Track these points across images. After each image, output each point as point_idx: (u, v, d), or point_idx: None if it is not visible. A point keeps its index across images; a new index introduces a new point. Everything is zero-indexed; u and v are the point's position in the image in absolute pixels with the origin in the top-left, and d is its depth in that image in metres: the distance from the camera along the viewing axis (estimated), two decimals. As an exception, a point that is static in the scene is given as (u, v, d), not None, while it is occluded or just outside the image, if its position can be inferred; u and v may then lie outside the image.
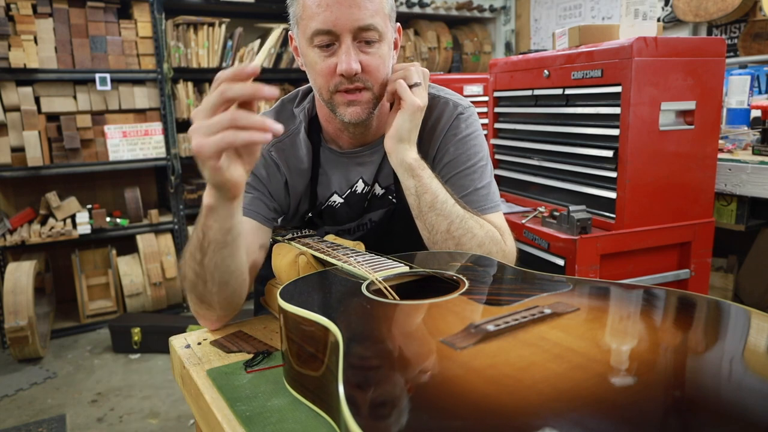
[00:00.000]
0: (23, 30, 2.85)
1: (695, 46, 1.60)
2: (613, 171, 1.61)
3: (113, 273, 3.20)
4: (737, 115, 2.13)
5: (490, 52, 4.35)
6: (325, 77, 0.92)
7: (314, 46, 0.91)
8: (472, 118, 1.08)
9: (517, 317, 0.57)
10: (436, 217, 0.93)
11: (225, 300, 0.85)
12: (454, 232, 0.93)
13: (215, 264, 0.80)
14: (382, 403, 0.44)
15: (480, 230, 0.95)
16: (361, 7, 0.88)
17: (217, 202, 0.75)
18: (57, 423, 2.20)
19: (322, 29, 0.88)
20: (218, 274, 0.81)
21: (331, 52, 0.91)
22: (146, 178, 3.63)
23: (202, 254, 0.80)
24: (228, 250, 0.80)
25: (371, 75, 0.92)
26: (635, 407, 0.41)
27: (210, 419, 0.69)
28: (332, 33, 0.89)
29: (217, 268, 0.81)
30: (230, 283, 0.84)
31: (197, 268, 0.81)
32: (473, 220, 0.95)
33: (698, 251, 1.70)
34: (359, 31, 0.89)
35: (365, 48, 0.91)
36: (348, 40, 0.89)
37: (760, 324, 0.54)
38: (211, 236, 0.78)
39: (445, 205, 0.93)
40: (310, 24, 0.89)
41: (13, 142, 2.91)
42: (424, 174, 0.94)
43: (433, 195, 0.93)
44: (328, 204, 1.08)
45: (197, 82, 3.39)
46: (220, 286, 0.83)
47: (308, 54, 0.93)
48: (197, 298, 0.85)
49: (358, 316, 0.62)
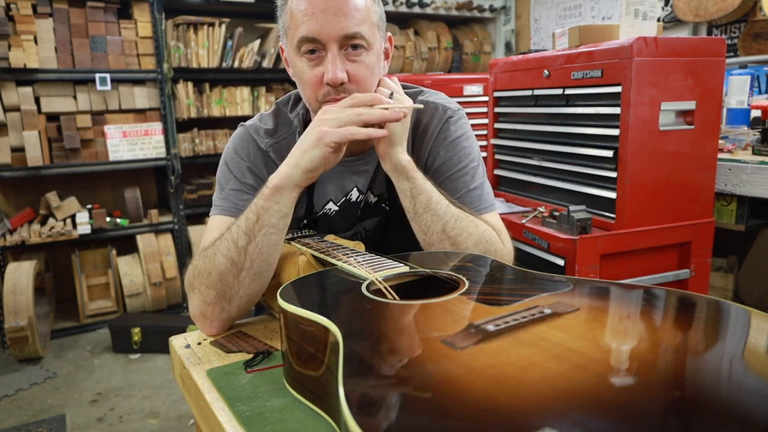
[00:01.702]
0: (23, 30, 2.85)
1: (695, 46, 1.60)
2: (613, 171, 1.61)
3: (113, 273, 3.20)
4: (737, 115, 2.13)
5: (490, 52, 4.35)
6: (313, 87, 0.92)
7: (302, 55, 0.91)
8: (461, 120, 1.08)
9: (517, 317, 0.57)
10: (432, 218, 0.93)
11: (249, 296, 0.87)
12: (449, 231, 0.93)
13: (260, 250, 0.83)
14: (382, 403, 0.44)
15: (476, 229, 0.95)
16: (348, 15, 0.87)
17: (288, 184, 0.84)
18: (57, 423, 2.21)
19: (307, 37, 0.88)
20: (259, 261, 0.84)
21: (318, 60, 0.91)
22: (146, 178, 3.63)
23: (249, 239, 0.83)
24: (276, 237, 0.85)
25: (358, 84, 0.92)
26: (635, 407, 0.41)
27: (210, 419, 0.69)
28: (318, 41, 0.89)
29: (260, 254, 0.84)
30: (263, 276, 0.86)
31: (237, 255, 0.83)
32: (468, 219, 0.95)
33: (698, 251, 1.70)
34: (345, 39, 0.89)
35: (352, 57, 0.91)
36: (334, 49, 0.89)
37: (760, 324, 0.54)
38: (266, 219, 0.83)
39: (440, 205, 0.93)
40: (297, 32, 0.89)
41: (13, 142, 2.91)
42: (417, 176, 0.94)
43: (427, 196, 0.93)
44: (324, 212, 1.09)
45: (197, 82, 3.39)
46: (255, 277, 0.85)
47: (296, 64, 0.93)
48: (217, 293, 0.85)
49: (358, 316, 0.62)
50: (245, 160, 1.04)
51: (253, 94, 3.54)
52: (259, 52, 3.47)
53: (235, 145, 1.06)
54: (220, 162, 1.06)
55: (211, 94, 3.41)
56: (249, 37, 3.57)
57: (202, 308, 0.87)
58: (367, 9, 0.91)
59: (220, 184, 1.04)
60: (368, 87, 0.93)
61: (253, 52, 3.42)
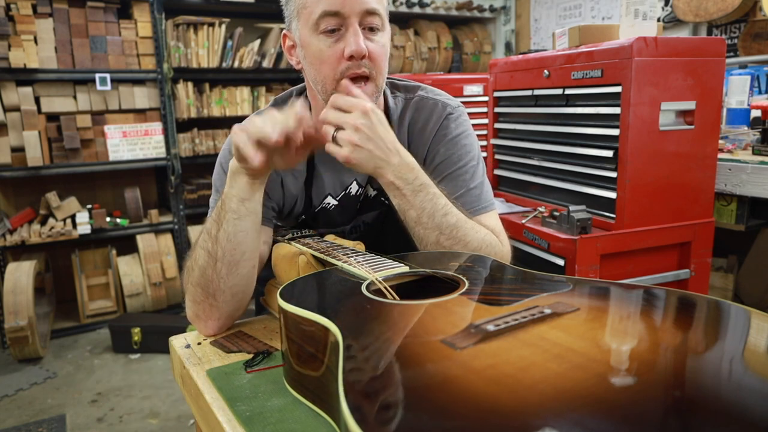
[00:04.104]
0: (23, 30, 2.85)
1: (695, 46, 1.60)
2: (613, 171, 1.61)
3: (113, 273, 3.20)
4: (737, 115, 2.13)
5: (490, 52, 4.35)
6: (332, 64, 0.91)
7: (320, 33, 0.91)
8: (461, 118, 1.07)
9: (517, 317, 0.57)
10: (424, 230, 0.92)
11: (231, 289, 0.86)
12: (443, 243, 0.91)
13: (228, 237, 0.84)
14: (382, 403, 0.44)
15: (475, 236, 0.93)
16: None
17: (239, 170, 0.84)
18: (57, 423, 2.21)
19: (330, 11, 0.88)
20: (229, 249, 0.84)
21: (338, 37, 0.90)
22: (146, 178, 3.63)
23: (218, 226, 0.85)
24: (243, 223, 0.85)
25: (375, 63, 0.92)
26: (635, 407, 0.41)
27: (210, 419, 0.69)
28: (340, 15, 0.89)
29: (229, 242, 0.84)
30: (239, 266, 0.86)
31: (211, 245, 0.84)
32: (467, 227, 0.93)
33: (698, 251, 1.70)
34: (366, 14, 0.90)
35: (369, 35, 0.92)
36: (355, 24, 0.89)
37: (760, 324, 0.54)
38: (228, 204, 0.84)
39: (433, 218, 0.91)
40: (316, 8, 0.89)
41: (13, 142, 2.91)
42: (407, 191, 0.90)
43: (419, 210, 0.91)
44: (323, 206, 1.08)
45: (197, 82, 3.39)
46: (230, 267, 0.85)
47: (312, 43, 0.92)
48: (202, 289, 0.85)
49: (358, 316, 0.62)
50: None
51: (253, 94, 3.54)
52: (259, 52, 3.46)
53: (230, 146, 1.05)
54: (216, 164, 1.06)
55: (211, 94, 3.41)
56: (249, 37, 3.57)
57: (194, 308, 0.88)
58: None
59: (215, 186, 1.04)
60: (383, 67, 0.94)
61: (253, 52, 3.42)
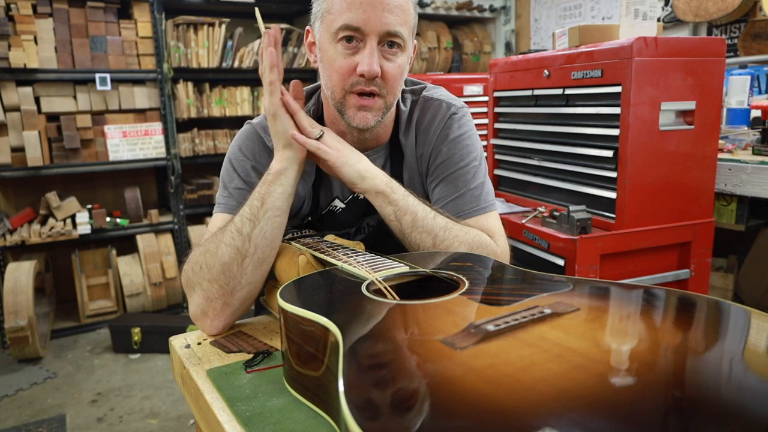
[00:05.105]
0: (23, 30, 2.85)
1: (695, 46, 1.60)
2: (613, 171, 1.61)
3: (113, 273, 3.20)
4: (737, 115, 2.13)
5: (490, 52, 4.35)
6: (342, 75, 0.92)
7: (338, 42, 0.91)
8: (465, 118, 1.07)
9: (517, 317, 0.57)
10: (420, 235, 0.93)
11: (251, 285, 0.87)
12: (440, 245, 0.93)
13: (264, 234, 0.86)
14: (382, 403, 0.44)
15: (466, 236, 0.94)
16: (393, 12, 0.89)
17: (289, 164, 0.88)
18: (57, 423, 2.21)
19: (350, 25, 0.89)
20: (263, 246, 0.86)
21: (354, 50, 0.91)
22: (146, 178, 3.63)
23: (254, 225, 0.85)
24: (280, 220, 0.88)
25: (388, 83, 0.93)
26: (635, 407, 0.41)
27: (210, 419, 0.69)
28: (360, 31, 0.89)
29: (264, 238, 0.86)
30: (265, 263, 0.88)
31: (241, 243, 0.85)
32: (457, 227, 0.95)
33: (698, 251, 1.70)
34: (386, 35, 0.90)
35: (387, 54, 0.92)
36: (373, 42, 0.89)
37: (760, 324, 0.54)
38: (270, 203, 0.87)
39: (426, 220, 0.93)
40: (339, 18, 0.89)
41: (13, 142, 2.91)
42: (398, 196, 0.93)
43: (412, 214, 0.93)
44: (329, 209, 1.08)
45: (197, 82, 3.39)
46: (258, 263, 0.86)
47: (329, 50, 0.93)
48: (220, 286, 0.85)
49: (358, 316, 0.62)
50: (250, 159, 1.03)
51: (253, 94, 3.54)
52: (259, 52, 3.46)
53: (241, 143, 1.05)
54: (224, 160, 1.06)
55: (211, 94, 3.41)
56: (249, 37, 3.57)
57: (204, 306, 0.87)
58: (409, 12, 0.93)
59: (223, 182, 1.04)
60: (395, 87, 0.95)
61: (253, 52, 3.42)
